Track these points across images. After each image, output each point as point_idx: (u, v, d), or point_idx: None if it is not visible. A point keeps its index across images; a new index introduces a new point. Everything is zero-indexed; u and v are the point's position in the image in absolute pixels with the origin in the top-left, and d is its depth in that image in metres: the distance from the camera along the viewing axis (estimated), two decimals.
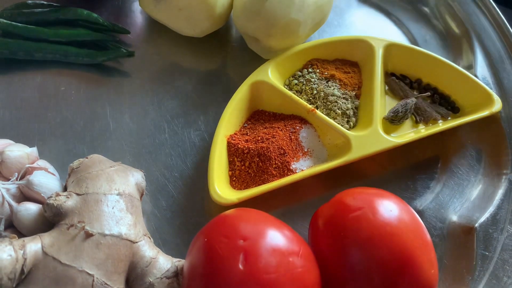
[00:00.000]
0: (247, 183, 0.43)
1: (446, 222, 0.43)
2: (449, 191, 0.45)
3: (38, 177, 0.37)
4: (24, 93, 0.47)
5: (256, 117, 0.47)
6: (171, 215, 0.42)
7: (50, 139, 0.45)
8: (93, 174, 0.37)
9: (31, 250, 0.32)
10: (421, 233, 0.36)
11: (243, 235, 0.33)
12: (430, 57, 0.49)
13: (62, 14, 0.49)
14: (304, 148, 0.44)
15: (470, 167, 0.47)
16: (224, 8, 0.48)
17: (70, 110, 0.47)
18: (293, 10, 0.45)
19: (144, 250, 0.36)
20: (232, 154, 0.44)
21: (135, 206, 0.37)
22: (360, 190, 0.38)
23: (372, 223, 0.34)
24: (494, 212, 0.44)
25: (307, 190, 0.44)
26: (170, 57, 0.52)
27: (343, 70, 0.49)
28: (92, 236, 0.34)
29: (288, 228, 0.35)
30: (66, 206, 0.35)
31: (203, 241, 0.34)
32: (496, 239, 0.42)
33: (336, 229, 0.35)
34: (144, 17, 0.54)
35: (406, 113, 0.46)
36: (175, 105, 0.48)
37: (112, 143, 0.45)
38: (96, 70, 0.49)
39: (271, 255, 0.32)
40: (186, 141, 0.46)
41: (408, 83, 0.50)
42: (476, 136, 0.48)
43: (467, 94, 0.49)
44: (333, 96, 0.46)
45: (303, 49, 0.49)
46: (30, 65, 0.49)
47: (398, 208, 0.36)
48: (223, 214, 0.36)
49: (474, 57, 0.53)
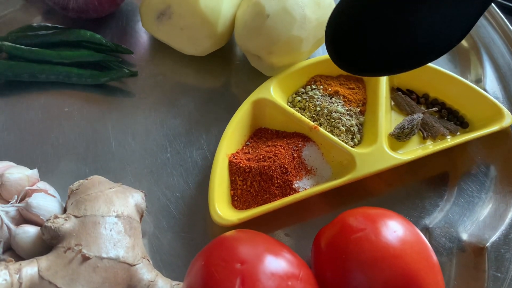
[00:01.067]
0: (249, 203, 0.42)
1: (455, 242, 0.42)
2: (459, 209, 0.44)
3: (37, 200, 0.37)
4: (27, 114, 0.48)
5: (258, 135, 0.47)
6: (172, 236, 0.41)
7: (53, 161, 0.45)
8: (92, 196, 0.37)
9: (27, 274, 0.32)
10: (427, 255, 0.34)
11: (241, 258, 0.32)
12: (437, 71, 0.48)
13: (66, 36, 0.49)
14: (307, 166, 0.44)
15: (480, 184, 0.45)
16: (225, 27, 0.48)
17: (73, 131, 0.47)
18: (294, 27, 0.45)
19: (142, 273, 0.35)
20: (233, 173, 0.43)
21: (134, 228, 0.37)
22: (363, 210, 0.37)
23: (374, 245, 0.33)
24: (506, 231, 0.42)
25: (311, 210, 0.43)
26: (173, 76, 0.52)
27: (347, 86, 0.48)
28: (89, 259, 0.33)
29: (288, 250, 0.34)
30: (64, 229, 0.34)
31: (201, 264, 0.33)
32: (508, 259, 0.40)
33: (337, 251, 0.34)
34: (147, 37, 0.54)
35: (413, 129, 0.45)
36: (177, 124, 0.48)
37: (115, 163, 0.45)
38: (99, 90, 0.50)
39: (269, 279, 0.31)
40: (188, 160, 0.46)
41: (415, 98, 0.49)
42: (486, 152, 0.47)
43: (476, 109, 0.47)
44: (336, 112, 0.45)
45: (306, 65, 0.48)
46: (34, 87, 0.49)
47: (402, 228, 0.35)
48: (222, 236, 0.35)
49: (483, 70, 0.52)
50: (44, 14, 0.55)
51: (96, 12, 0.51)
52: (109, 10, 0.52)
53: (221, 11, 0.47)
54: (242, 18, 0.47)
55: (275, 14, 0.45)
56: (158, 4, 0.47)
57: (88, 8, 0.50)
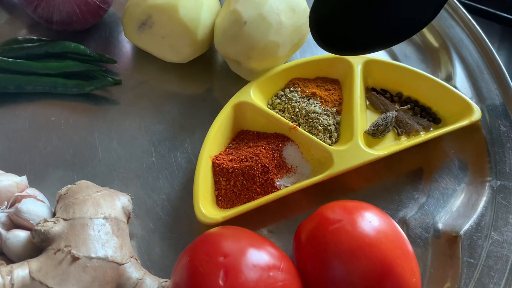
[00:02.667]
0: (233, 202, 0.44)
1: (431, 232, 0.44)
2: (434, 201, 0.46)
3: (26, 205, 0.38)
4: (15, 124, 0.49)
5: (240, 137, 0.48)
6: (159, 237, 0.43)
7: (41, 168, 0.46)
8: (80, 199, 0.38)
9: (18, 275, 0.33)
10: (402, 243, 0.36)
11: (224, 252, 0.34)
12: (409, 70, 0.51)
13: (50, 48, 0.51)
14: (287, 165, 0.45)
15: (454, 176, 0.47)
16: (205, 34, 0.50)
17: (60, 139, 0.48)
18: (271, 33, 0.47)
19: (131, 271, 0.37)
20: (217, 174, 0.45)
21: (121, 229, 0.38)
22: (340, 203, 0.39)
23: (351, 235, 0.35)
24: (478, 219, 0.44)
25: (293, 206, 0.45)
26: (156, 83, 0.53)
27: (324, 88, 0.50)
28: (78, 259, 0.35)
29: (270, 243, 0.36)
30: (53, 232, 0.36)
31: (186, 260, 0.34)
32: (480, 246, 0.42)
33: (316, 243, 0.36)
34: (130, 47, 0.56)
35: (387, 126, 0.47)
36: (162, 129, 0.50)
37: (101, 169, 0.47)
38: (85, 99, 0.51)
39: (251, 270, 0.32)
40: (173, 164, 0.47)
41: (389, 97, 0.51)
42: (458, 146, 0.49)
43: (447, 105, 0.50)
44: (314, 113, 0.47)
45: (284, 69, 0.50)
46: (21, 98, 0.50)
47: (377, 219, 0.37)
48: (207, 233, 0.37)
49: (453, 69, 0.54)
50: (29, 28, 0.56)
51: (80, 24, 0.53)
52: (92, 22, 0.54)
53: (200, 19, 0.49)
54: (221, 25, 0.49)
55: (252, 21, 0.47)
56: (140, 15, 0.49)
57: (72, 21, 0.51)
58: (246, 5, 0.47)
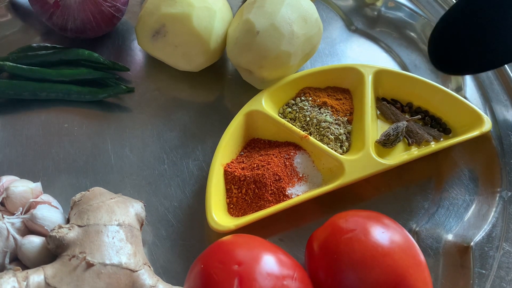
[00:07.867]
0: (244, 210, 0.44)
1: (442, 242, 0.44)
2: (444, 211, 0.46)
3: (41, 211, 0.38)
4: (29, 131, 0.49)
5: (252, 145, 0.49)
6: (171, 244, 0.43)
7: (54, 174, 0.47)
8: (94, 206, 0.39)
9: (34, 281, 0.33)
10: (414, 253, 0.36)
11: (238, 260, 0.34)
12: (419, 81, 0.51)
13: (64, 55, 0.51)
14: (299, 173, 0.46)
15: (464, 186, 0.47)
16: (218, 43, 0.51)
17: (73, 146, 0.49)
18: (283, 43, 0.47)
19: (144, 278, 0.37)
20: (229, 182, 0.45)
21: (135, 236, 0.39)
22: (352, 212, 0.39)
23: (364, 245, 0.35)
24: (489, 230, 0.44)
25: (304, 215, 0.45)
26: (168, 91, 0.54)
27: (334, 97, 0.51)
28: (93, 266, 0.35)
29: (283, 252, 0.36)
30: (68, 238, 0.36)
31: (200, 268, 0.35)
32: (492, 257, 0.42)
33: (329, 252, 0.36)
34: (143, 55, 0.57)
35: (398, 136, 0.47)
36: (174, 137, 0.50)
37: (114, 176, 0.47)
38: (98, 106, 0.52)
39: (266, 279, 0.33)
40: (184, 171, 0.48)
41: (399, 107, 0.52)
42: (468, 156, 0.49)
43: (457, 116, 0.50)
44: (325, 122, 0.48)
45: (295, 78, 0.51)
46: (35, 104, 0.51)
47: (390, 229, 0.37)
48: (220, 241, 0.37)
49: (463, 79, 0.55)
50: (43, 35, 0.57)
51: (94, 32, 0.53)
52: (105, 30, 0.55)
53: (213, 28, 0.50)
54: (234, 35, 0.49)
55: (265, 31, 0.47)
56: (153, 24, 0.50)
57: (86, 29, 0.52)
58: (258, 15, 0.48)
